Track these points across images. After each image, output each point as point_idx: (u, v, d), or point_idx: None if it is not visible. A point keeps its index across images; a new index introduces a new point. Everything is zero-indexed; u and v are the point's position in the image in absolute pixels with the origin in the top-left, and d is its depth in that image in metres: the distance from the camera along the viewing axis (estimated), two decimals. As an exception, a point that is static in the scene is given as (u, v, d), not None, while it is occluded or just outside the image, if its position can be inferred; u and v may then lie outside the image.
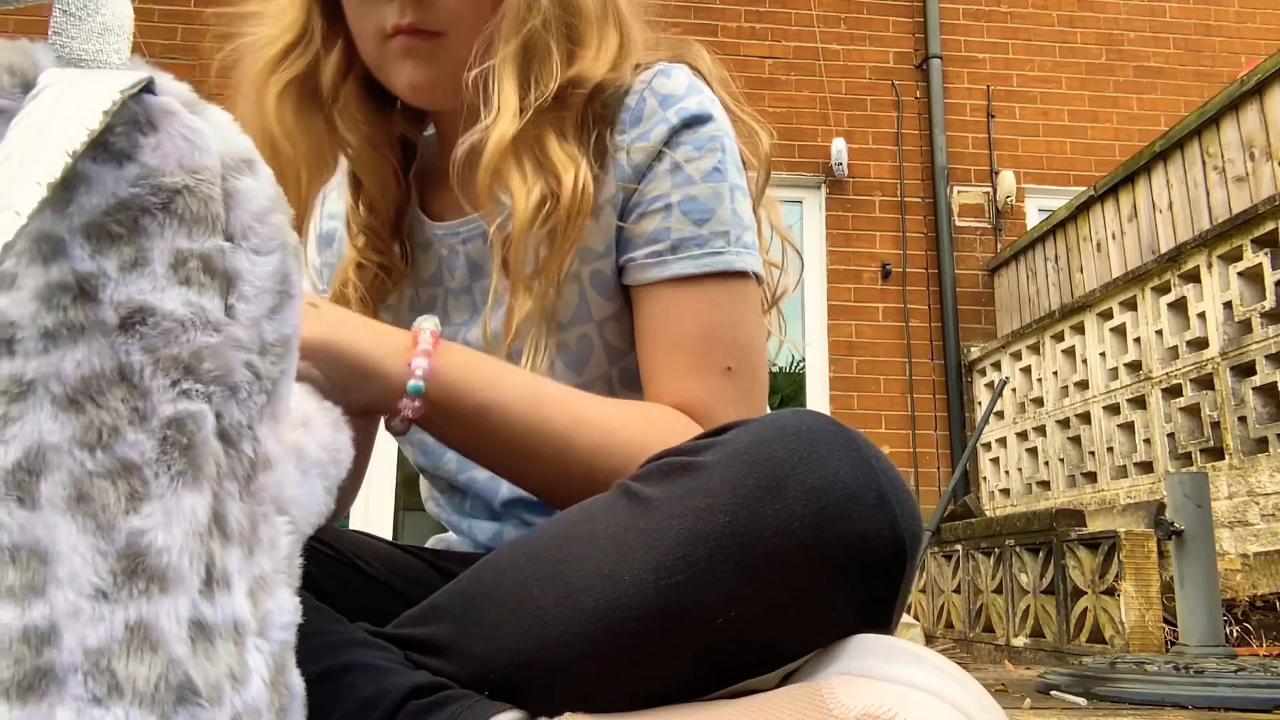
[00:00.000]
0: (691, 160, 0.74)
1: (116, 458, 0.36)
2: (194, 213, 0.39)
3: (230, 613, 0.38)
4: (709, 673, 0.50)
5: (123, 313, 0.37)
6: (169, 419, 0.37)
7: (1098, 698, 1.96)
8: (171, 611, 0.35)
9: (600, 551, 0.51)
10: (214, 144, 0.41)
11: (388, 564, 0.79)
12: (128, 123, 0.38)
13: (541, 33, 0.72)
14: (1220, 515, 2.86)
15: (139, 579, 0.35)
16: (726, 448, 0.51)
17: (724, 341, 0.73)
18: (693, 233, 0.73)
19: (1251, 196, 3.16)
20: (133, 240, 0.38)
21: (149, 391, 0.37)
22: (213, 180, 0.40)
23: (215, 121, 0.42)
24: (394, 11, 0.72)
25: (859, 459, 0.49)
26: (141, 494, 0.36)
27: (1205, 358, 3.13)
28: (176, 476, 0.37)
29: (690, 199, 0.73)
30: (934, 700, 0.43)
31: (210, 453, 0.38)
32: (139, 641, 0.34)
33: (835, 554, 0.47)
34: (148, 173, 0.38)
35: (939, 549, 3.66)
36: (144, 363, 0.37)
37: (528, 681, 0.53)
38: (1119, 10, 5.46)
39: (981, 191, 5.10)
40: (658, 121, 0.74)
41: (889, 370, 4.81)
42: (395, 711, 0.52)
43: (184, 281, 0.39)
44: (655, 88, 0.76)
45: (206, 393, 0.39)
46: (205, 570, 0.37)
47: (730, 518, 0.48)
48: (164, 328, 0.38)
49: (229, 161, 0.41)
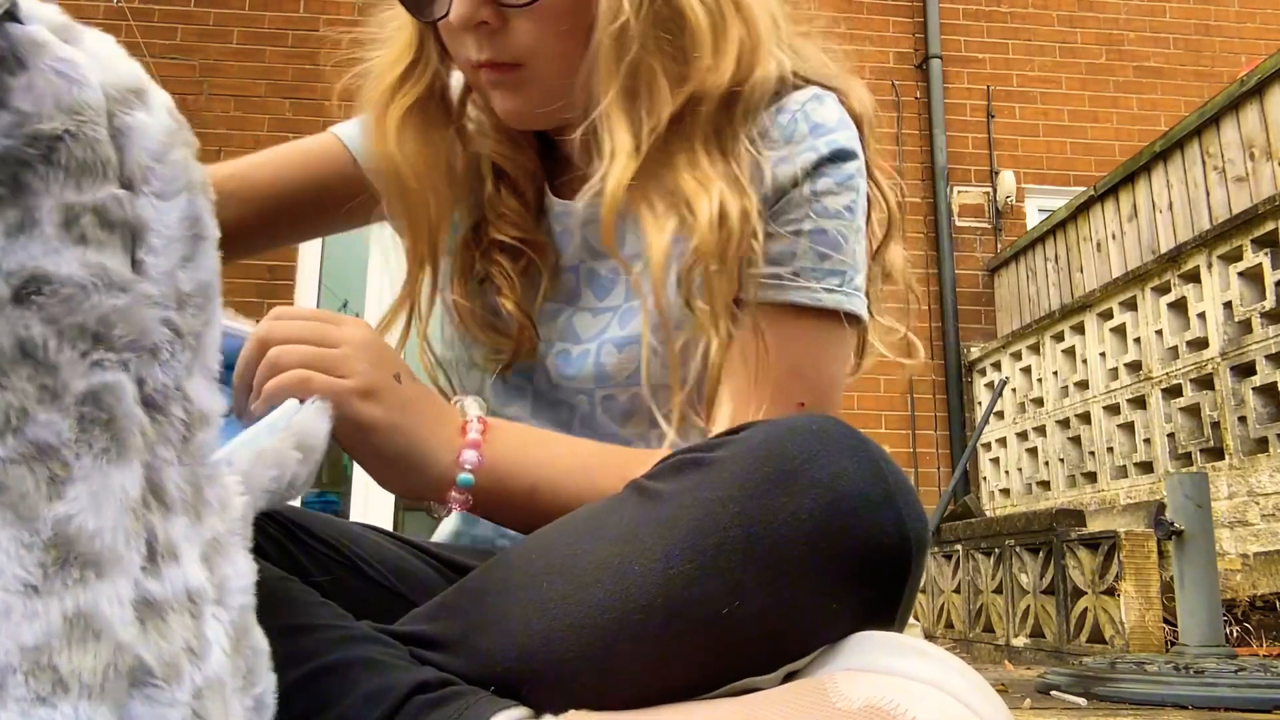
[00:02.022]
0: (830, 194, 0.73)
1: (29, 441, 0.33)
2: (80, 160, 0.35)
3: (182, 584, 0.36)
4: (713, 668, 0.51)
5: (15, 283, 0.33)
6: (83, 394, 0.34)
7: (1098, 698, 1.96)
8: (112, 595, 0.33)
9: (610, 544, 0.52)
10: (95, 75, 0.36)
11: (388, 564, 0.79)
12: None
13: (645, 61, 0.68)
14: (1220, 515, 2.86)
15: (71, 567, 0.33)
16: (738, 445, 0.52)
17: (808, 378, 0.72)
18: (815, 265, 0.72)
19: (1251, 196, 3.17)
20: (16, 200, 0.34)
21: (57, 366, 0.34)
22: (97, 119, 0.35)
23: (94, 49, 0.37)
24: (473, 47, 0.71)
25: (867, 459, 0.50)
26: (63, 477, 0.33)
27: (1205, 358, 3.13)
28: (100, 454, 0.34)
29: (820, 231, 0.72)
30: (936, 692, 0.44)
31: (135, 423, 0.35)
32: (80, 632, 0.32)
33: (841, 549, 0.48)
34: (21, 119, 0.33)
35: (939, 549, 3.66)
36: (46, 335, 0.34)
37: (534, 677, 0.53)
38: (1119, 10, 5.46)
39: (981, 191, 5.11)
40: (806, 148, 0.73)
41: (889, 370, 4.79)
42: (400, 707, 0.52)
43: (79, 240, 0.35)
44: (809, 112, 0.74)
45: (122, 360, 0.36)
46: (146, 546, 0.35)
47: (739, 509, 0.49)
48: (64, 294, 0.34)
49: (115, 94, 0.37)
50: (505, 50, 0.71)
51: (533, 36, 0.70)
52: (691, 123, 0.70)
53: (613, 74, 0.68)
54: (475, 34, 0.70)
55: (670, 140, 0.70)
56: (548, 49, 0.71)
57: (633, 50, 0.67)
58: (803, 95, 0.75)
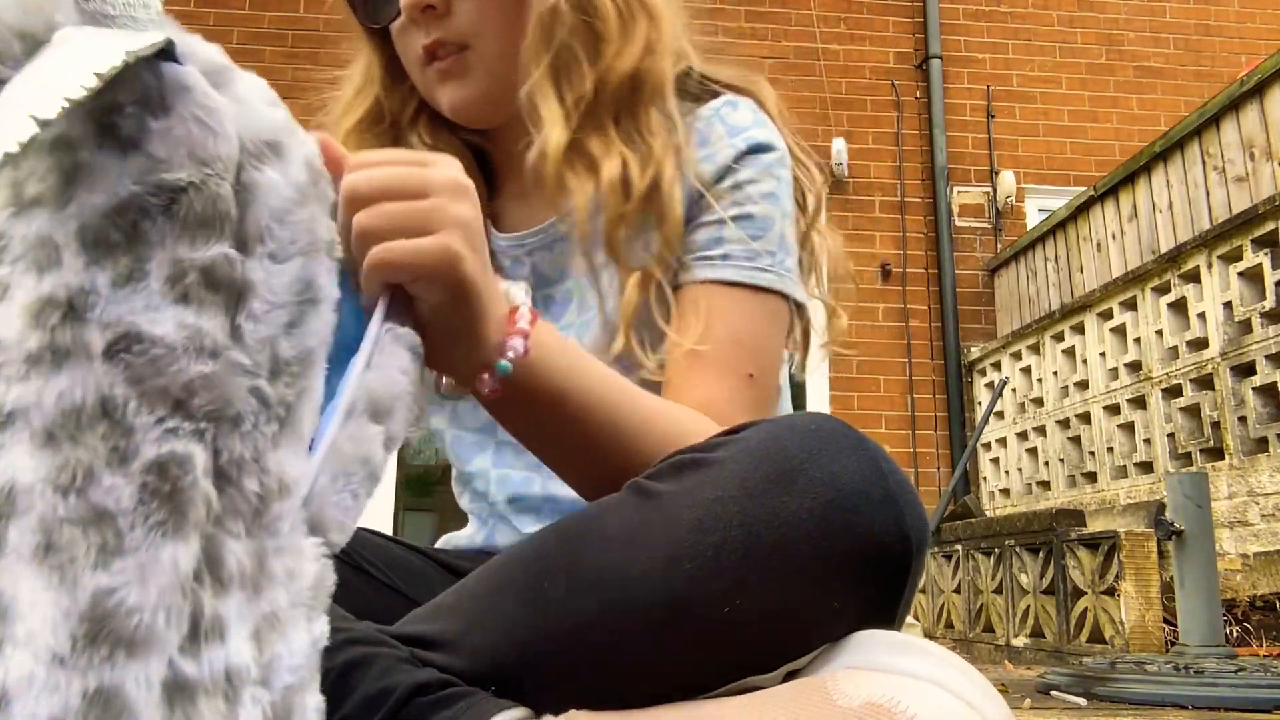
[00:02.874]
0: (752, 182, 0.78)
1: (90, 504, 0.31)
2: (199, 214, 0.33)
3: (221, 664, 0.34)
4: (714, 667, 0.51)
5: (109, 337, 0.32)
6: (150, 462, 0.32)
7: (1098, 698, 1.96)
8: (140, 677, 0.31)
9: (611, 543, 0.52)
10: (233, 126, 0.35)
11: (390, 565, 0.79)
12: (138, 101, 0.33)
13: (568, 42, 0.76)
14: (1220, 515, 2.87)
15: (102, 644, 0.31)
16: (738, 444, 0.52)
17: (750, 349, 0.75)
18: (743, 247, 0.76)
19: (1251, 196, 3.17)
20: (130, 249, 0.33)
21: (132, 429, 0.32)
22: (224, 173, 0.34)
23: (241, 95, 0.36)
24: (421, 35, 0.78)
25: (867, 458, 0.50)
26: (113, 547, 0.31)
27: (1205, 358, 3.13)
28: (155, 528, 0.32)
29: (746, 216, 0.77)
30: (937, 689, 0.44)
31: (199, 496, 0.33)
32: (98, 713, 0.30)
33: (841, 547, 0.48)
34: (152, 166, 0.33)
35: (939, 549, 3.66)
36: (128, 396, 0.32)
37: (535, 676, 0.53)
38: (1119, 10, 5.46)
39: (981, 191, 5.11)
40: (725, 145, 0.78)
41: (889, 370, 4.81)
42: (400, 708, 0.52)
43: (181, 299, 0.33)
44: (723, 116, 0.80)
45: (198, 429, 0.34)
46: (190, 623, 0.33)
47: (740, 508, 0.49)
48: (152, 355, 0.33)
49: (251, 146, 0.36)
50: (452, 30, 0.77)
51: (476, 15, 0.77)
52: (601, 101, 0.77)
53: (543, 51, 0.76)
54: (423, 19, 0.77)
55: (585, 116, 0.77)
56: (491, 27, 0.77)
57: (560, 32, 0.75)
58: (716, 102, 0.81)
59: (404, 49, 0.81)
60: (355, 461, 0.43)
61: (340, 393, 0.43)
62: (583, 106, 0.76)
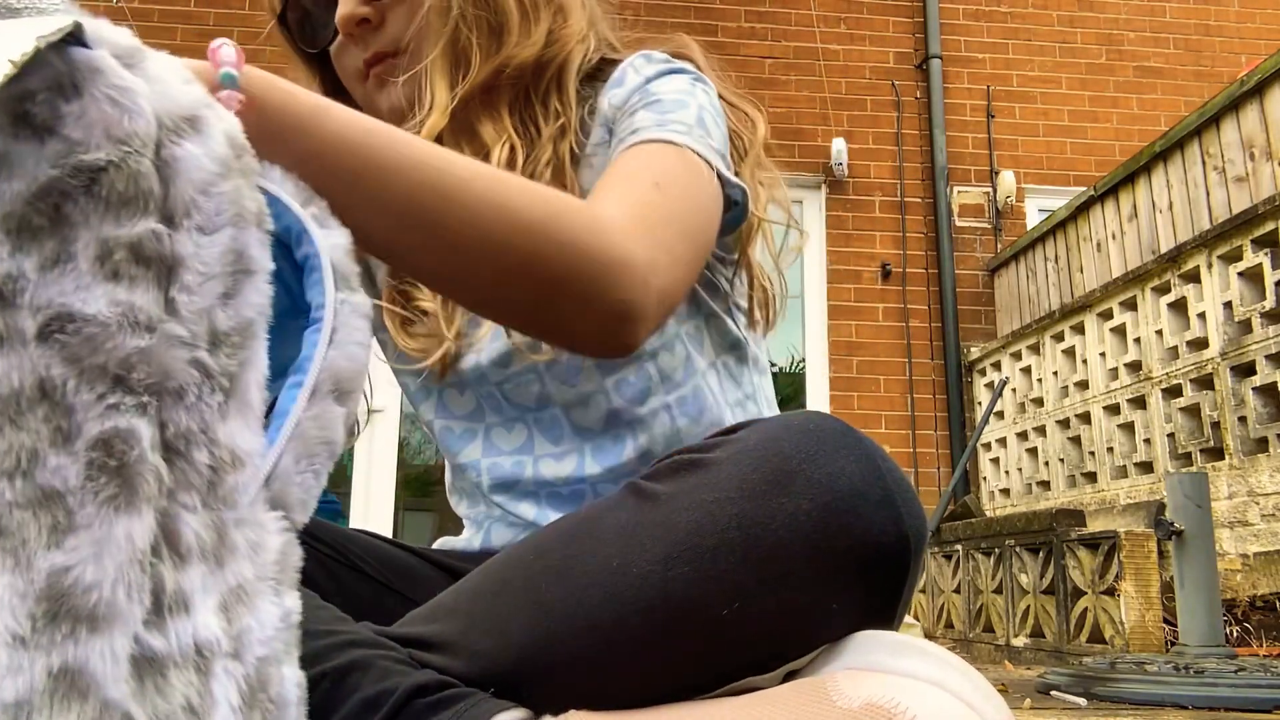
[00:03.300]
0: (661, 86, 0.76)
1: (37, 485, 0.32)
2: (121, 192, 0.34)
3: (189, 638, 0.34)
4: (713, 668, 0.51)
5: (41, 320, 0.32)
6: (95, 439, 0.32)
7: (1098, 698, 1.96)
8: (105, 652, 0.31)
9: (609, 545, 0.52)
10: (148, 104, 0.35)
11: (389, 566, 0.79)
12: (50, 87, 0.33)
13: (463, 30, 0.78)
14: (1220, 515, 2.86)
15: (62, 622, 0.31)
16: (736, 445, 0.52)
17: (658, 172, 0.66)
18: (656, 120, 0.72)
19: (1251, 196, 3.17)
20: (55, 232, 0.33)
21: (72, 409, 0.32)
22: (143, 149, 0.34)
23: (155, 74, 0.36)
24: (358, 52, 0.81)
25: (865, 457, 0.50)
26: (65, 525, 0.32)
27: (1205, 358, 3.13)
28: (105, 503, 0.32)
29: (656, 99, 0.74)
30: (937, 690, 0.44)
31: (149, 470, 0.34)
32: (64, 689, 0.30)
33: (840, 547, 0.48)
34: (69, 149, 0.33)
35: (939, 549, 3.66)
36: (65, 375, 0.32)
37: (534, 677, 0.53)
38: (1119, 10, 5.46)
39: (981, 191, 5.10)
40: (636, 76, 0.79)
41: (889, 370, 4.81)
42: (399, 710, 0.52)
43: (111, 276, 0.33)
44: (635, 62, 0.81)
45: (140, 404, 0.34)
46: (152, 598, 0.33)
47: (738, 509, 0.49)
48: (87, 334, 0.33)
49: (168, 122, 0.36)
50: (388, 40, 0.80)
51: (407, 21, 0.79)
52: (499, 89, 0.79)
53: (438, 37, 0.78)
54: (360, 33, 0.80)
55: (482, 101, 0.79)
56: (425, 33, 0.79)
57: (454, 23, 0.77)
58: (633, 55, 0.83)
59: (343, 69, 0.84)
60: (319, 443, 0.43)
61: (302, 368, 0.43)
62: (475, 92, 0.78)
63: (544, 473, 0.80)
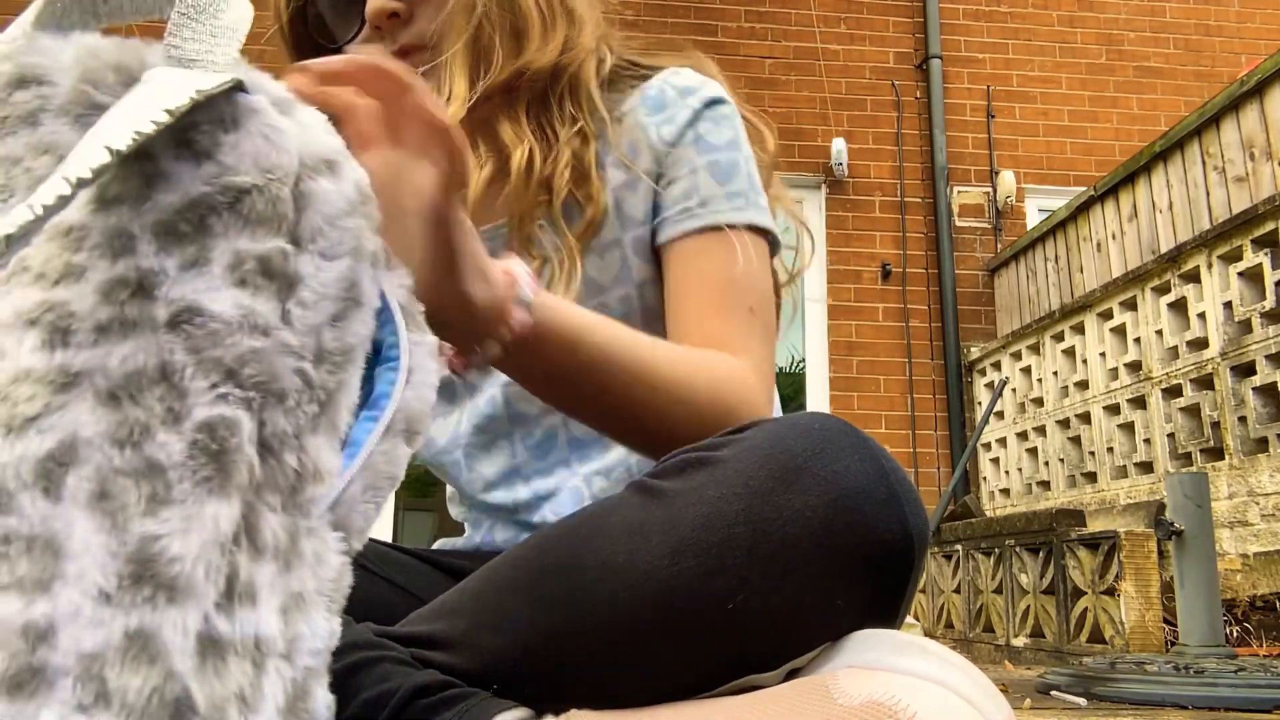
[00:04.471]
0: (712, 133, 0.82)
1: (144, 457, 0.35)
2: (259, 213, 0.38)
3: (252, 629, 0.36)
4: (717, 666, 0.51)
5: (173, 310, 0.36)
6: (201, 423, 0.36)
7: (1098, 698, 1.96)
8: (178, 623, 0.33)
9: (615, 541, 0.52)
10: (294, 143, 0.40)
11: (390, 565, 0.79)
12: (213, 121, 0.38)
13: (486, 28, 0.79)
14: (1220, 515, 2.87)
15: (144, 585, 0.33)
16: (742, 443, 0.52)
17: (744, 286, 0.78)
18: (717, 191, 0.80)
19: (1251, 196, 3.17)
20: (197, 239, 0.37)
21: (186, 392, 0.36)
22: (284, 179, 0.39)
23: (304, 121, 0.42)
24: (387, 42, 0.80)
25: (869, 457, 0.50)
26: (162, 497, 0.34)
27: (1205, 358, 3.13)
28: (201, 482, 0.35)
29: (714, 164, 0.81)
30: (938, 689, 0.44)
31: (244, 460, 0.36)
32: (136, 650, 0.32)
33: (845, 545, 0.48)
34: (221, 171, 0.38)
35: (939, 549, 3.66)
36: (186, 362, 0.36)
37: (537, 675, 0.53)
38: (1119, 10, 5.47)
39: (981, 191, 5.11)
40: (681, 107, 0.83)
41: (889, 370, 4.81)
42: (401, 711, 0.52)
43: (239, 283, 0.37)
44: (671, 82, 0.85)
45: (246, 399, 0.37)
46: (226, 582, 0.35)
47: (744, 505, 0.49)
48: (210, 329, 0.37)
49: (309, 161, 0.41)
50: (415, 34, 0.80)
51: (434, 16, 0.80)
52: (519, 91, 0.81)
53: (461, 32, 0.79)
54: (389, 26, 0.80)
55: (501, 102, 0.80)
56: (450, 25, 0.79)
57: (477, 20, 0.79)
58: (662, 73, 0.86)
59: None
60: (385, 477, 0.46)
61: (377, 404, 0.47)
62: (495, 92, 0.79)
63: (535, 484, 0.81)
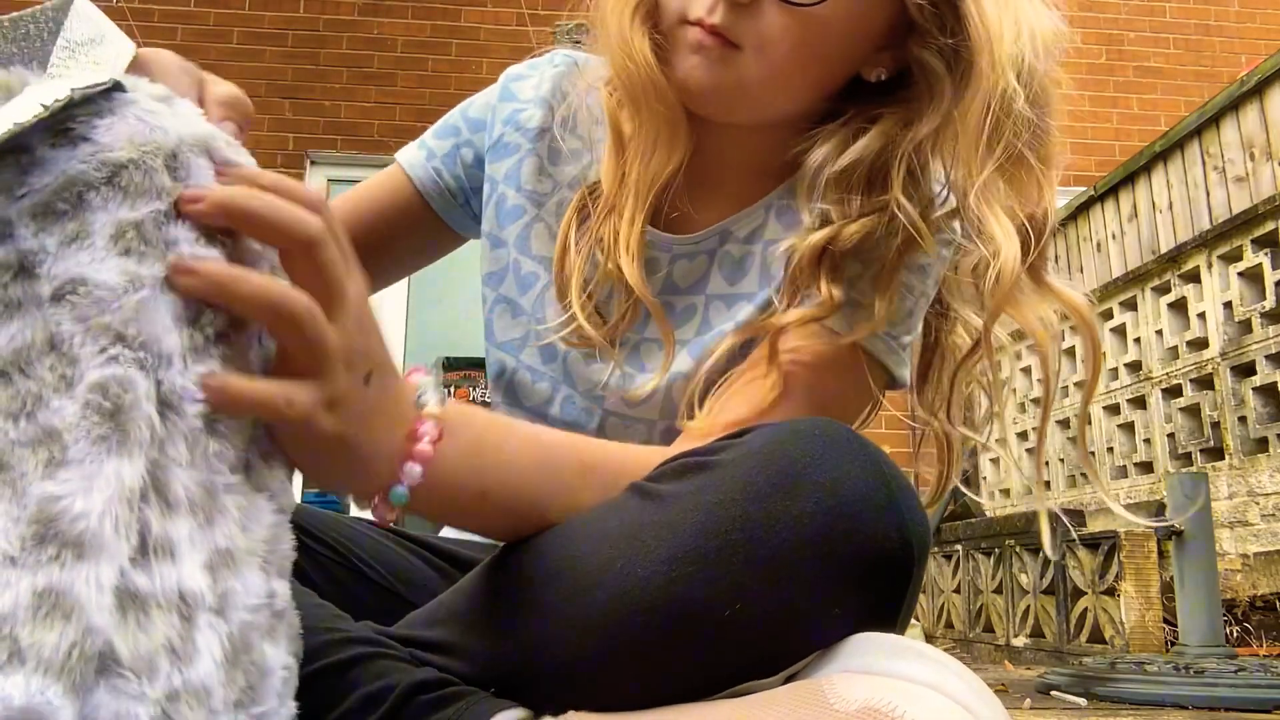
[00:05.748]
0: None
1: (39, 425, 0.36)
2: (138, 184, 0.40)
3: (174, 583, 0.37)
4: (714, 671, 0.51)
5: (56, 284, 0.38)
6: (93, 384, 0.36)
7: (1098, 698, 1.96)
8: (90, 578, 0.34)
9: (612, 547, 0.52)
10: (172, 125, 0.42)
11: (388, 565, 0.79)
12: (90, 114, 0.40)
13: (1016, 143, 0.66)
14: (1220, 515, 2.86)
15: (49, 545, 0.34)
16: (741, 448, 0.52)
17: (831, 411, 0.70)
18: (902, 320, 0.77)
19: (1251, 196, 3.16)
20: (76, 215, 0.39)
21: (77, 359, 0.37)
22: (157, 152, 0.40)
23: (181, 111, 0.43)
24: (704, 5, 0.66)
25: (870, 463, 0.50)
26: (59, 459, 0.35)
27: (1205, 358, 3.13)
28: (98, 441, 0.36)
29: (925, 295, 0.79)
30: (934, 694, 0.44)
31: (142, 417, 0.37)
32: (48, 608, 0.33)
33: (844, 551, 0.48)
34: (96, 149, 0.39)
35: (939, 549, 3.66)
36: (74, 331, 0.37)
37: (534, 678, 0.53)
38: (1119, 10, 5.46)
39: (981, 191, 5.10)
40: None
41: (889, 370, 4.80)
42: (400, 707, 0.52)
43: (124, 252, 0.39)
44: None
45: (138, 358, 0.38)
46: (139, 538, 0.36)
47: (742, 512, 0.49)
48: (96, 296, 0.38)
49: (187, 140, 0.42)
50: (738, 28, 0.66)
51: (776, 30, 0.66)
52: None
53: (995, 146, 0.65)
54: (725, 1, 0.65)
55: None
56: (780, 52, 0.66)
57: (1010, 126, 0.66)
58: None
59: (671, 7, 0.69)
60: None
61: None
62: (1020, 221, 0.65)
63: None
